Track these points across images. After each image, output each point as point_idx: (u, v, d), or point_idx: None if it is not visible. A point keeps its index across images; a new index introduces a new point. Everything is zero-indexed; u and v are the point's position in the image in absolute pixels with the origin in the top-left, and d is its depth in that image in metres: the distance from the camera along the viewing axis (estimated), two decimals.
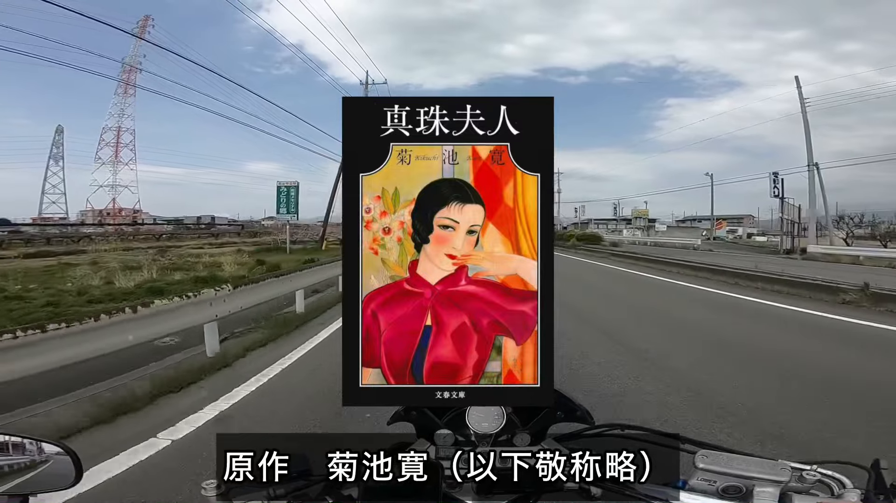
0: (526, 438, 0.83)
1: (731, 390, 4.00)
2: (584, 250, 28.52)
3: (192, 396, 3.97)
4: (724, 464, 0.66)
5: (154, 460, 2.85)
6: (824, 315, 7.70)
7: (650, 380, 4.35)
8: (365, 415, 2.84)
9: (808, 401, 3.74)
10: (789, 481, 0.64)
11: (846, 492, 0.65)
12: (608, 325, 7.03)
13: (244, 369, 4.76)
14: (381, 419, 0.92)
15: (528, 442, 0.82)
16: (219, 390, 4.07)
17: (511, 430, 0.84)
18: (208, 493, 0.69)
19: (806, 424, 3.30)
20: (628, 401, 3.75)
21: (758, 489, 0.64)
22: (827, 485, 0.67)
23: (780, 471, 0.64)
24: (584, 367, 4.69)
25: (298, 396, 4.04)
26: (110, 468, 2.73)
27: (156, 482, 2.63)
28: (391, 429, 0.89)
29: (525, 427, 0.86)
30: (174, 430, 3.26)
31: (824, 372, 4.66)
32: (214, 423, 3.41)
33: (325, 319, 7.25)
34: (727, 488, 0.65)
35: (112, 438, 3.13)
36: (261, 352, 5.44)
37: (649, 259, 18.82)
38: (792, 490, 0.65)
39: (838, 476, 0.67)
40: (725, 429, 3.20)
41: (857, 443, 2.89)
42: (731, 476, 0.65)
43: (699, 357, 5.32)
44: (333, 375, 3.82)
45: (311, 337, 6.16)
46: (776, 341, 6.08)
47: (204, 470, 2.71)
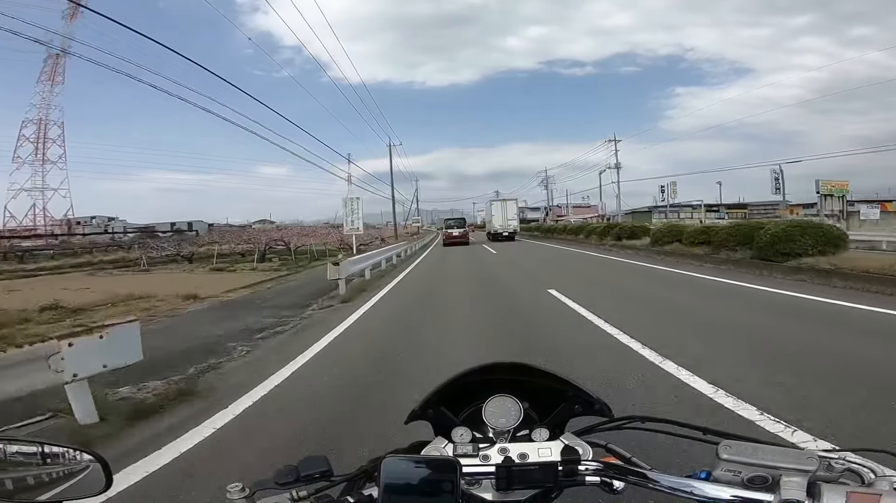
0: (544, 433, 0.83)
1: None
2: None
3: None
4: (748, 454, 0.64)
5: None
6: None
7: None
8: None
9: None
10: (817, 470, 0.63)
11: (877, 480, 0.63)
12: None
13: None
14: (400, 418, 0.92)
15: (546, 436, 0.82)
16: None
17: (529, 425, 0.84)
18: (233, 496, 0.70)
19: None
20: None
21: (784, 479, 0.62)
22: (857, 473, 0.65)
23: (807, 460, 0.63)
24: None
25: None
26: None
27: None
28: (409, 428, 0.90)
29: (543, 422, 0.86)
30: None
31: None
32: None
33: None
34: (753, 478, 0.64)
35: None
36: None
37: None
38: (820, 479, 0.63)
39: (869, 464, 0.66)
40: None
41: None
42: (756, 466, 0.64)
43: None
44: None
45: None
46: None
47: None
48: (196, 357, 5.33)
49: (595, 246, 22.92)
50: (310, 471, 0.73)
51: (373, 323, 7.12)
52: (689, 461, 2.02)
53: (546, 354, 4.69)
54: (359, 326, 6.89)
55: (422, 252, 26.72)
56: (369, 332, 6.47)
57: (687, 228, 15.78)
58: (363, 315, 7.76)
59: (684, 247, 14.45)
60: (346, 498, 0.72)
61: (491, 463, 0.75)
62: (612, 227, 25.99)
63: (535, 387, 0.89)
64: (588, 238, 26.51)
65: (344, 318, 7.40)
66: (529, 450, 0.78)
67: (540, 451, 0.78)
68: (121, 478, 2.51)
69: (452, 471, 0.65)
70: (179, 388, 4.17)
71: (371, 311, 8.09)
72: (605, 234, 24.25)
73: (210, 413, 3.58)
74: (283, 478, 0.73)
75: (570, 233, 32.37)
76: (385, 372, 4.46)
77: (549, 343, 5.28)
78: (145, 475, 2.65)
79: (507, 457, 0.76)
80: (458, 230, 32.89)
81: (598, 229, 26.95)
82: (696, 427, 0.81)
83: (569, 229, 34.52)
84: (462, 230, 33.08)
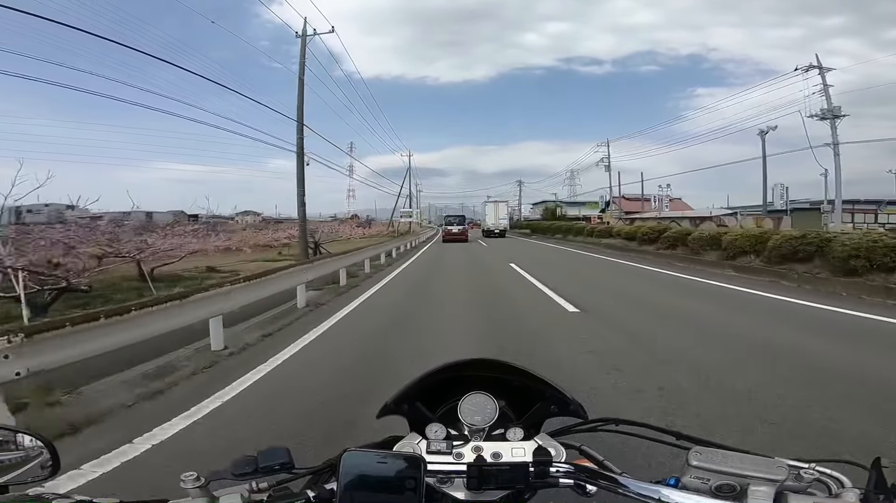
0: (519, 432, 0.81)
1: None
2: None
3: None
4: (718, 461, 0.64)
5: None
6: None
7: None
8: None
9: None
10: (785, 480, 0.62)
11: (845, 491, 0.63)
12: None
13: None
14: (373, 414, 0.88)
15: (521, 436, 0.81)
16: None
17: (504, 424, 0.83)
18: (187, 485, 0.67)
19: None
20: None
21: (752, 488, 0.62)
22: (825, 483, 0.65)
23: (776, 469, 0.62)
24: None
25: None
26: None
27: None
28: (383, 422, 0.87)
29: (518, 421, 0.84)
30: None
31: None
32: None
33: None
34: (721, 486, 0.63)
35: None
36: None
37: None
38: (788, 489, 0.63)
39: (837, 475, 0.65)
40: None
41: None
42: (725, 474, 0.63)
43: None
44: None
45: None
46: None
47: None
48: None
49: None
50: (269, 462, 0.71)
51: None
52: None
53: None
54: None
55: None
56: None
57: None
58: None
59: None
60: (307, 491, 0.70)
61: (464, 461, 0.74)
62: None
63: (512, 386, 0.88)
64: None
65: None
66: (503, 450, 0.77)
67: (513, 451, 0.77)
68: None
69: (416, 468, 0.63)
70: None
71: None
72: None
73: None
74: (240, 468, 0.70)
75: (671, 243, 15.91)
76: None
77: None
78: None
79: (479, 455, 0.75)
80: (457, 227, 32.57)
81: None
82: (669, 432, 0.80)
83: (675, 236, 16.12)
84: (461, 227, 32.70)
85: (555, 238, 32.37)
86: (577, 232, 30.37)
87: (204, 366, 4.48)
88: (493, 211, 39.73)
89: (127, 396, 3.69)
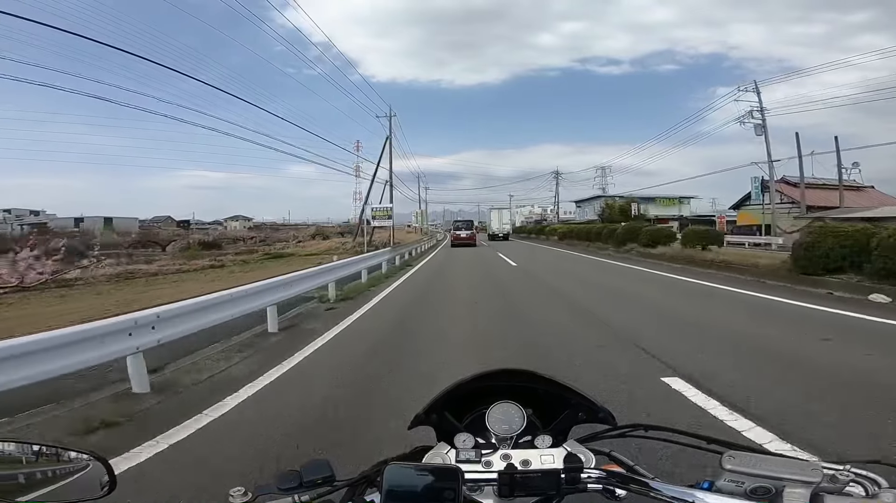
0: (547, 440, 0.82)
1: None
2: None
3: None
4: (752, 464, 0.64)
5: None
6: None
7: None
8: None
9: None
10: (821, 482, 0.62)
11: (882, 492, 0.63)
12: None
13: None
14: (403, 424, 0.92)
15: (549, 443, 0.82)
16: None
17: (532, 432, 0.84)
18: (235, 500, 0.70)
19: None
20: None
21: (788, 490, 0.62)
22: (861, 485, 0.65)
23: (811, 471, 0.62)
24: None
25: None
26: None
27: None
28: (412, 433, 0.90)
29: (546, 429, 0.85)
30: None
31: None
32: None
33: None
34: (756, 489, 0.63)
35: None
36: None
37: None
38: (824, 490, 0.63)
39: (873, 476, 0.65)
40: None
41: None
42: (759, 477, 0.63)
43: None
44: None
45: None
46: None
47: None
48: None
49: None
50: (312, 476, 0.73)
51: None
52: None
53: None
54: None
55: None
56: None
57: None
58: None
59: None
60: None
61: (493, 469, 0.75)
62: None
63: (538, 394, 0.89)
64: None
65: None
66: (532, 457, 0.77)
67: (543, 458, 0.77)
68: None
69: (454, 479, 0.64)
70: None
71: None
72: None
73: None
74: (285, 482, 0.73)
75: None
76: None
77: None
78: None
79: (509, 463, 0.76)
80: (465, 232, 34.42)
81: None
82: (699, 436, 0.80)
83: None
84: (469, 232, 34.59)
85: (625, 255, 19.36)
86: (663, 239, 17.77)
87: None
88: (498, 217, 47.54)
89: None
